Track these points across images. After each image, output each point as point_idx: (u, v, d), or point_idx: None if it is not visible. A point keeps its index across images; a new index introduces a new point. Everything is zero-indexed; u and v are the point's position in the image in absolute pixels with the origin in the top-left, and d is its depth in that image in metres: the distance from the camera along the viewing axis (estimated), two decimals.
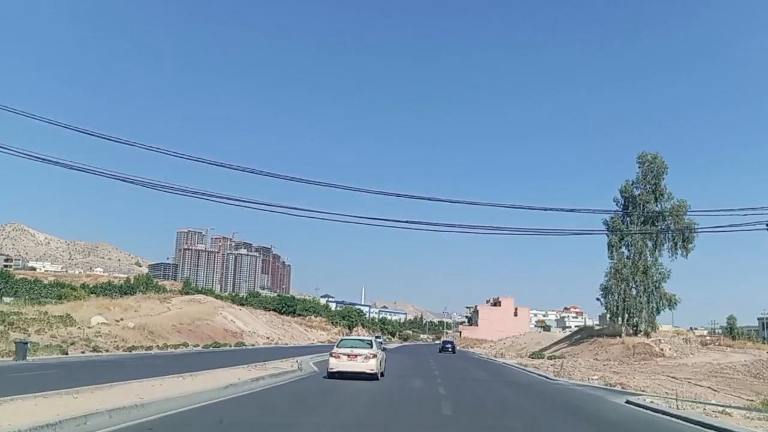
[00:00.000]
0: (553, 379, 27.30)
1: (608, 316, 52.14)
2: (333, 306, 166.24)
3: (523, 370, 36.20)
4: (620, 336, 50.55)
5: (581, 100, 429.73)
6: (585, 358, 45.83)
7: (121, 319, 45.35)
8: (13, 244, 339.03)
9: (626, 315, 50.94)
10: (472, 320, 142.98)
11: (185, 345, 44.35)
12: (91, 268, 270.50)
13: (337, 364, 21.16)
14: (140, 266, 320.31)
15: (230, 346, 51.57)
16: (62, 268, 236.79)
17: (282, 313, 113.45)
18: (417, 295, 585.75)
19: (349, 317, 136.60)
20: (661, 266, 51.06)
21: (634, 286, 51.05)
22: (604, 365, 36.68)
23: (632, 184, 53.10)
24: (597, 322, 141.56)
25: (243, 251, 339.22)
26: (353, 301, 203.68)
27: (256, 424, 11.49)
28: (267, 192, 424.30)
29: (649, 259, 50.83)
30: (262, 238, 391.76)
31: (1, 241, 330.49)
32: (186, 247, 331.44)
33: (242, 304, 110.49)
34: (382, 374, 22.66)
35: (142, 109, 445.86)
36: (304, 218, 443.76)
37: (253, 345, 60.16)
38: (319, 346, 69.23)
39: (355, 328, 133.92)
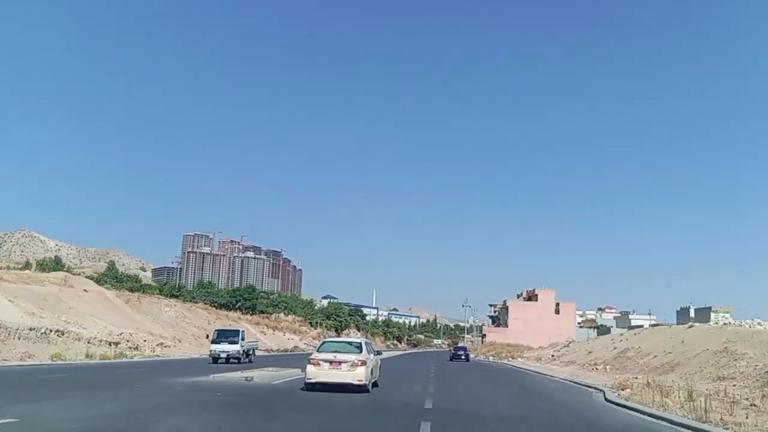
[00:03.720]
0: None
1: None
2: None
3: None
4: None
5: None
6: None
7: None
8: (22, 251, 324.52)
9: None
10: (499, 320, 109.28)
11: None
12: None
13: (317, 374, 16.62)
14: (145, 271, 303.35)
15: None
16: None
17: (233, 309, 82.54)
18: (433, 302, 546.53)
19: (336, 316, 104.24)
20: None
21: None
22: None
23: None
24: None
25: (251, 254, 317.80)
26: (362, 304, 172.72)
27: None
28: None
29: None
30: (273, 242, 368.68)
31: (10, 248, 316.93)
32: (191, 250, 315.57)
33: (174, 296, 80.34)
34: (375, 384, 18.20)
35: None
36: (318, 221, 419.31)
37: None
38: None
39: (346, 331, 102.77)
